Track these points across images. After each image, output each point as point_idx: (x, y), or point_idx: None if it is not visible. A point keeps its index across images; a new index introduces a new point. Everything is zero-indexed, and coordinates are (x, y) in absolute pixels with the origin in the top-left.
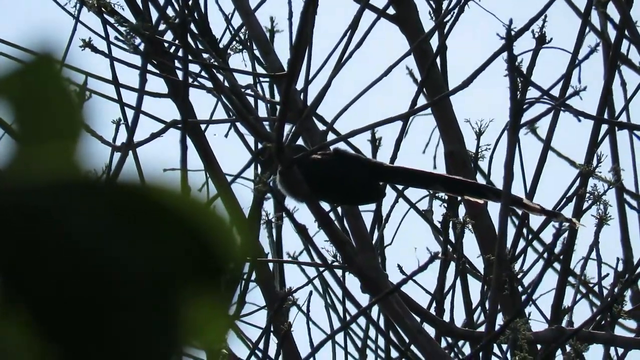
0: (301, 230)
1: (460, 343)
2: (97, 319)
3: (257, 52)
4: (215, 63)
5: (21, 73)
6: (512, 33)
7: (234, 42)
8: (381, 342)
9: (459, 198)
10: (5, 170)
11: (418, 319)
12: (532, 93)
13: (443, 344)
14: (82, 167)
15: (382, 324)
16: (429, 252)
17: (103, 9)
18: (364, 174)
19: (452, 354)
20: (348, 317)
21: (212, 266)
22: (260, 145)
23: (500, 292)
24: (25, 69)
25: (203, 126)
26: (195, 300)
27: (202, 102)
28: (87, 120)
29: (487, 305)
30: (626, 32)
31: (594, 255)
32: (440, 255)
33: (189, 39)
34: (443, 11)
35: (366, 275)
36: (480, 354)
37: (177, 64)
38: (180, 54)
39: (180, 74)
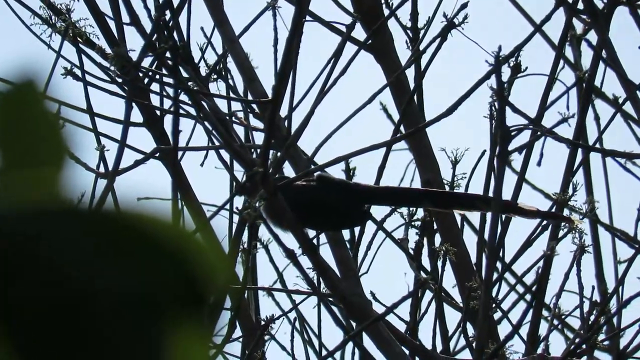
0: (290, 255)
1: None
2: (79, 346)
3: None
4: (199, 89)
5: (3, 99)
6: (499, 60)
7: (219, 67)
8: None
9: (435, 226)
10: None
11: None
12: (511, 121)
13: None
14: (65, 194)
15: (357, 356)
16: (405, 278)
17: (78, 39)
18: (349, 198)
19: None
20: (324, 350)
21: (194, 294)
22: (238, 174)
23: (485, 320)
24: (7, 96)
25: (179, 154)
26: (177, 329)
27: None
28: (70, 147)
29: (468, 333)
30: (601, 63)
31: (568, 286)
32: (429, 282)
33: (171, 66)
34: (419, 41)
35: (351, 302)
36: None
37: (152, 91)
38: (155, 81)
39: (155, 101)
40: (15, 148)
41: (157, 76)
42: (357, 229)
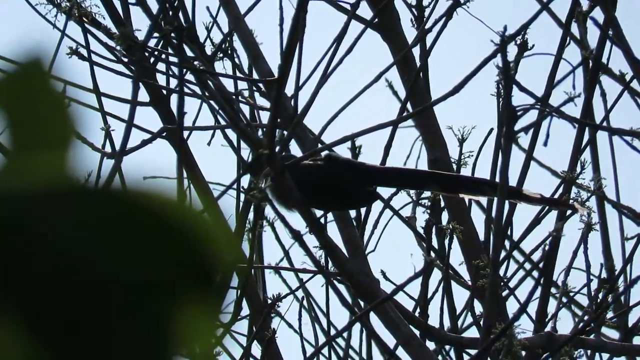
0: (296, 235)
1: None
2: (87, 326)
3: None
4: (205, 69)
5: (10, 79)
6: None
7: (224, 46)
8: (364, 351)
9: (443, 204)
10: None
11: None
12: (518, 100)
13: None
14: (72, 174)
15: (365, 335)
16: (412, 259)
17: (84, 19)
18: (356, 178)
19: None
20: (333, 329)
21: (201, 272)
22: (244, 152)
23: (493, 299)
24: (14, 75)
25: (186, 133)
26: (185, 307)
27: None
28: (77, 127)
29: (476, 311)
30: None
31: (576, 263)
32: (435, 261)
33: (177, 45)
34: (425, 19)
35: (358, 281)
36: None
37: (159, 70)
38: (161, 61)
39: (161, 80)
40: (22, 128)
41: (163, 55)
42: (364, 208)
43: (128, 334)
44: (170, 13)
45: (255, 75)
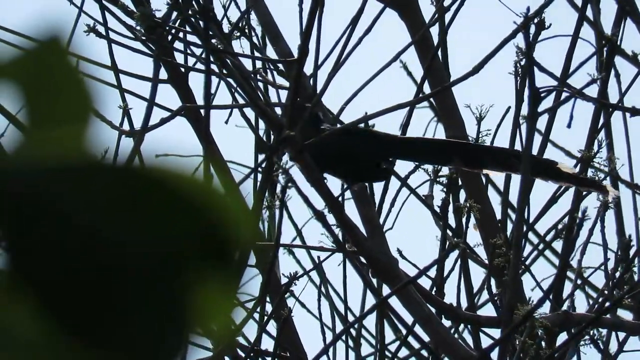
0: (319, 216)
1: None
2: (104, 302)
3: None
4: (225, 49)
5: (29, 56)
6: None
7: (242, 25)
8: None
9: (460, 183)
10: (14, 154)
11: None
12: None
13: None
14: (91, 150)
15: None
16: (430, 237)
17: None
18: (375, 149)
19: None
20: (350, 313)
21: (221, 250)
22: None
23: (514, 279)
24: (33, 52)
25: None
26: (203, 284)
27: (201, 89)
28: (95, 103)
29: (494, 291)
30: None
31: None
32: (460, 243)
33: (203, 27)
34: None
35: (376, 260)
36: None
37: (177, 49)
38: (180, 40)
39: (179, 57)
40: (41, 104)
41: (181, 34)
42: (379, 184)
43: (146, 311)
44: None
45: (273, 55)
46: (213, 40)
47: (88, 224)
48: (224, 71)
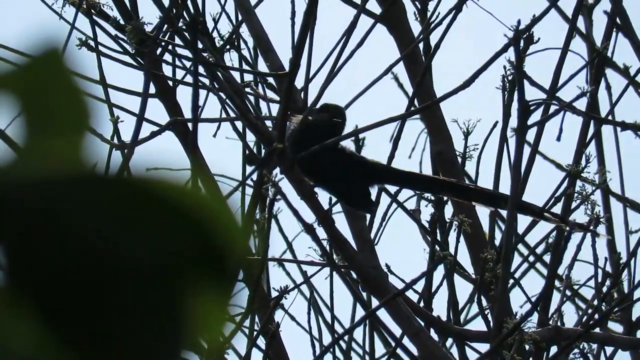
0: (309, 229)
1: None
2: (101, 311)
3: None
4: (216, 62)
5: (27, 67)
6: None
7: (233, 38)
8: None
9: (447, 198)
10: (10, 165)
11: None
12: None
13: None
14: (87, 162)
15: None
16: (424, 254)
17: (92, 10)
18: (365, 176)
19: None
20: (337, 322)
21: (215, 262)
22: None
23: (503, 293)
24: (30, 64)
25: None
26: (198, 295)
27: (189, 102)
28: (92, 115)
29: (484, 305)
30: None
31: (580, 256)
32: (449, 256)
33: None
34: (430, 13)
35: (367, 274)
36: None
37: (165, 61)
38: (169, 52)
39: (167, 70)
40: (38, 115)
41: (170, 46)
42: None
43: (141, 321)
44: (181, 5)
45: (263, 67)
46: (204, 53)
47: (84, 235)
48: (214, 84)
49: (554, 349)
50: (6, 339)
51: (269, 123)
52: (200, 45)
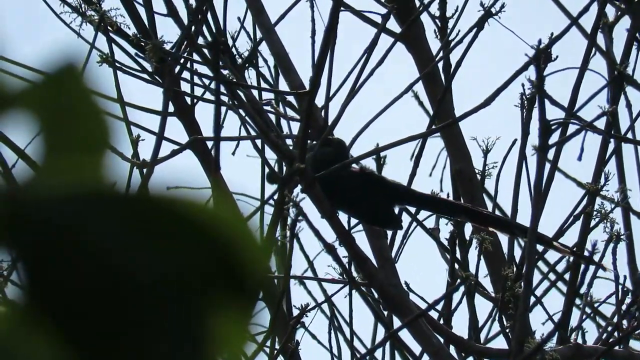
0: (330, 249)
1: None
2: (119, 329)
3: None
4: (237, 82)
5: (46, 84)
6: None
7: (253, 57)
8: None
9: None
10: (30, 182)
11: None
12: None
13: None
14: (107, 179)
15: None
16: (445, 273)
17: (109, 28)
18: (386, 197)
19: None
20: (357, 339)
21: (236, 281)
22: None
23: (524, 312)
24: (49, 80)
25: (209, 144)
26: (218, 315)
27: (209, 121)
28: (111, 132)
29: (505, 324)
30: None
31: (600, 273)
32: (471, 276)
33: (204, 54)
34: (449, 30)
35: (388, 292)
36: None
37: (184, 79)
38: (189, 71)
39: (185, 87)
40: (57, 133)
41: (189, 63)
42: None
43: (161, 339)
44: (200, 22)
45: (283, 86)
46: (224, 71)
47: (103, 253)
48: (235, 102)
49: None
50: (25, 356)
51: (289, 141)
52: (220, 63)
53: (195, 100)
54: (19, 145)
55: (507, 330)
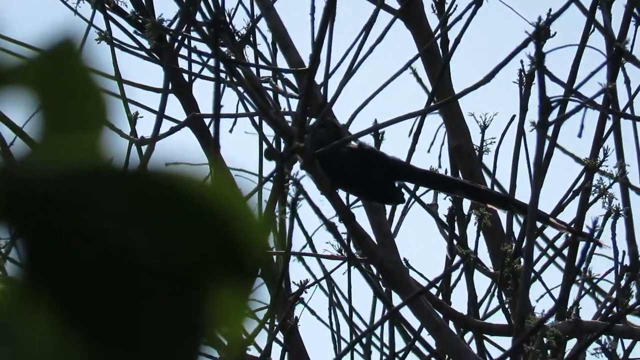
0: (331, 226)
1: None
2: (119, 307)
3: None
4: (236, 59)
5: (43, 60)
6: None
7: (251, 35)
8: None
9: None
10: (27, 159)
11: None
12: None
13: None
14: (105, 156)
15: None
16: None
17: (106, 6)
18: (385, 174)
19: None
20: (355, 315)
21: (235, 257)
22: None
23: (525, 289)
24: (47, 56)
25: (207, 122)
26: (218, 291)
27: (206, 98)
28: (110, 108)
29: (504, 300)
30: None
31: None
32: (471, 254)
33: (203, 31)
34: (447, 6)
35: (387, 269)
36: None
37: (182, 56)
38: (187, 48)
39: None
40: (56, 109)
41: (187, 41)
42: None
43: (161, 316)
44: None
45: (282, 63)
46: (223, 48)
47: (104, 230)
48: (232, 79)
49: (573, 342)
50: (24, 334)
51: (288, 119)
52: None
53: (193, 78)
54: (17, 123)
55: (506, 306)
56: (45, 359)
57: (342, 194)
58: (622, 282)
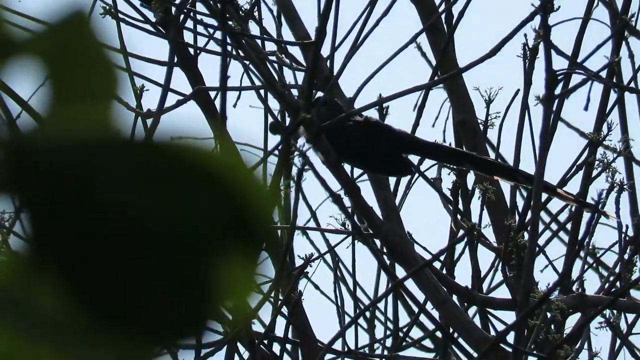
0: (337, 198)
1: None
2: (129, 278)
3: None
4: (243, 32)
5: (54, 31)
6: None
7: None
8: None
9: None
10: (37, 130)
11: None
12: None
13: None
14: (114, 127)
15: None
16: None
17: None
18: (392, 146)
19: None
20: (359, 290)
21: (242, 228)
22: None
23: (530, 263)
24: (58, 27)
25: (213, 95)
26: (224, 263)
27: (211, 72)
28: (119, 79)
29: (507, 274)
30: None
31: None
32: (475, 227)
33: (209, 3)
34: None
35: (393, 242)
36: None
37: (188, 28)
38: (193, 20)
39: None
40: (66, 80)
41: (193, 14)
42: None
43: (170, 286)
44: None
45: (287, 36)
46: (229, 22)
47: (113, 200)
48: (239, 52)
49: (576, 317)
50: (32, 307)
51: (294, 92)
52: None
53: (198, 51)
54: (23, 96)
55: (510, 281)
56: (54, 331)
57: (347, 168)
58: (626, 256)
